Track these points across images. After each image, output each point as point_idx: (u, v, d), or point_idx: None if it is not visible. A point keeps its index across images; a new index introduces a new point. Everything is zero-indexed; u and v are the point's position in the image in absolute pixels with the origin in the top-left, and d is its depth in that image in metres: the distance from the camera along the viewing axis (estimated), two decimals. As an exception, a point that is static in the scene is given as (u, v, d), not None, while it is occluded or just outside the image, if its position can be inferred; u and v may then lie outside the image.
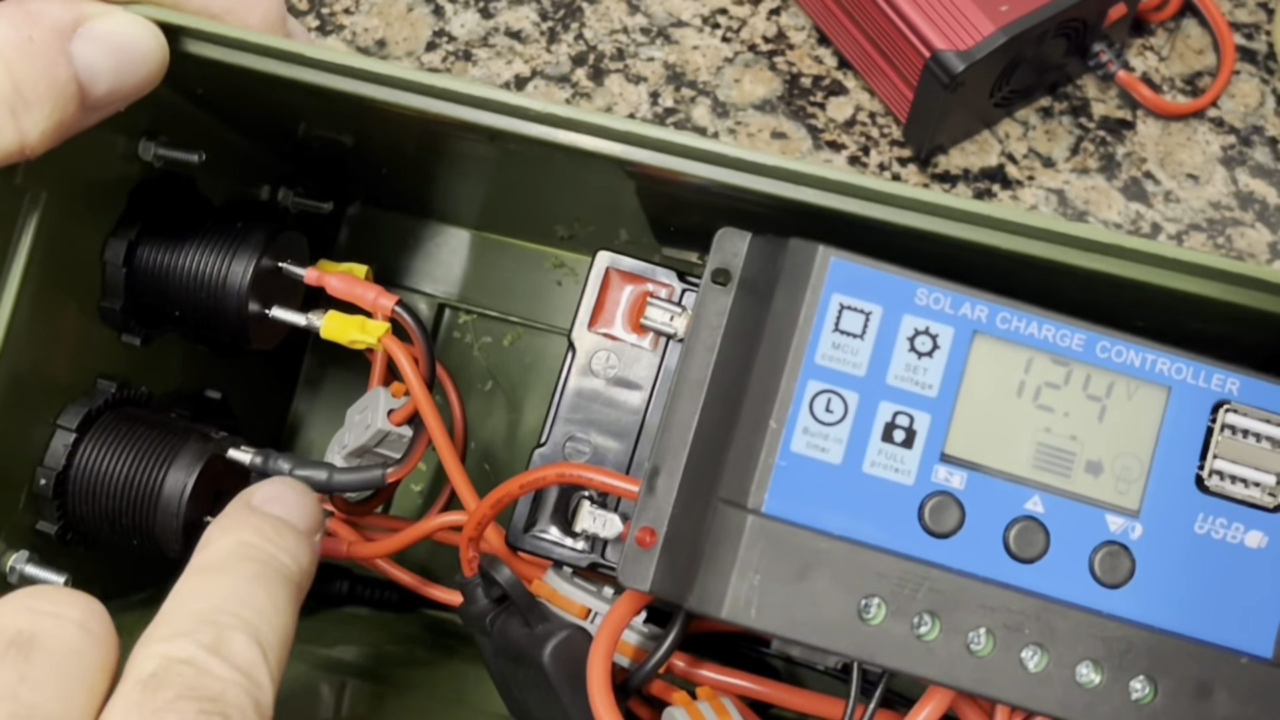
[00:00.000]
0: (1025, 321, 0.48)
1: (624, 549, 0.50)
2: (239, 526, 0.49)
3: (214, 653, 0.43)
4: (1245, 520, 0.48)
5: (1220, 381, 0.48)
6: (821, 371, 0.47)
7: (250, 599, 0.46)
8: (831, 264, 0.47)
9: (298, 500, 0.52)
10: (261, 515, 0.50)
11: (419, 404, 0.59)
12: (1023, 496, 0.48)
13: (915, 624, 0.46)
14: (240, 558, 0.48)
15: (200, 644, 0.43)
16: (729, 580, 0.46)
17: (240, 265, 0.58)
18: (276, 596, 0.47)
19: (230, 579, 0.47)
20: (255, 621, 0.45)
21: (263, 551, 0.48)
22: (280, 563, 0.48)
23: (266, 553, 0.48)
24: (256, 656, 0.44)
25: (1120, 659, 0.47)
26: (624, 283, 0.60)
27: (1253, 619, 0.48)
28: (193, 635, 0.44)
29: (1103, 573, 0.48)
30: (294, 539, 0.50)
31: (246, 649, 0.44)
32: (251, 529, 0.49)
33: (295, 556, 0.49)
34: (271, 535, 0.49)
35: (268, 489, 0.52)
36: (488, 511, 0.55)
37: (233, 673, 0.43)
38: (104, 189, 0.56)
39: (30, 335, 0.53)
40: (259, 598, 0.46)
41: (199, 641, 0.44)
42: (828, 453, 0.47)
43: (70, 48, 0.46)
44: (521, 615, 0.56)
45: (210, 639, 0.44)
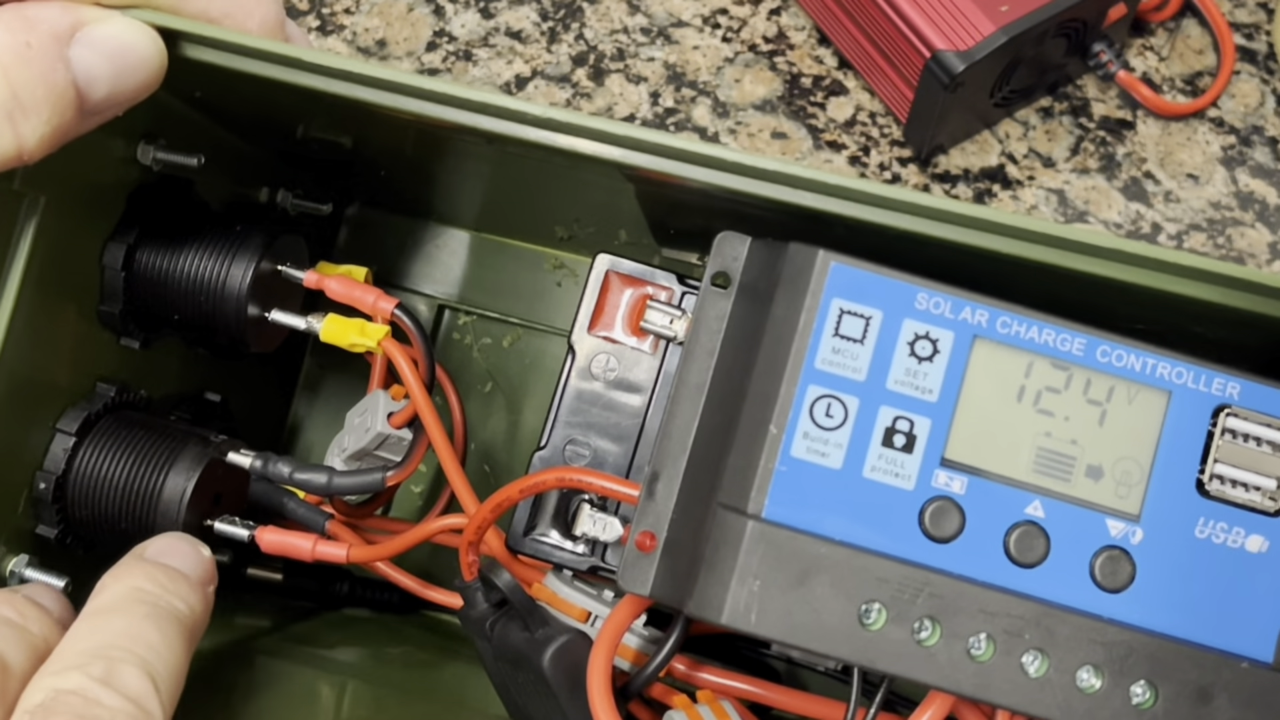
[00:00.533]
0: (1025, 326, 0.48)
1: (624, 553, 0.50)
2: (131, 574, 0.51)
3: (104, 684, 0.44)
4: (1246, 525, 0.48)
5: (1221, 386, 0.48)
6: (822, 376, 0.47)
7: (142, 635, 0.47)
8: (831, 269, 0.47)
9: (189, 551, 0.53)
10: (154, 564, 0.51)
11: (418, 407, 0.59)
12: (1023, 501, 0.48)
13: (916, 629, 0.46)
14: (133, 600, 0.49)
15: (90, 675, 0.44)
16: (729, 586, 0.46)
17: (239, 269, 0.58)
18: (169, 635, 0.48)
19: (122, 618, 0.48)
20: (147, 656, 0.46)
21: (155, 595, 0.49)
22: (173, 605, 0.49)
23: (159, 596, 0.49)
24: (147, 688, 0.45)
25: (1121, 664, 0.47)
26: (624, 286, 0.60)
27: (1253, 624, 0.48)
28: (83, 668, 0.45)
29: (1103, 577, 0.47)
30: (186, 586, 0.51)
31: (137, 680, 0.45)
32: (144, 575, 0.50)
33: (188, 601, 0.50)
34: (164, 581, 0.50)
35: (159, 543, 0.53)
36: (487, 516, 0.55)
37: (123, 702, 0.44)
38: (102, 193, 0.56)
39: (29, 339, 0.53)
40: (150, 635, 0.47)
41: (89, 674, 0.44)
42: (828, 458, 0.47)
43: (68, 53, 0.46)
44: (521, 620, 0.56)
45: (101, 671, 0.45)
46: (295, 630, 0.70)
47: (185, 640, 0.49)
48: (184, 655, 0.48)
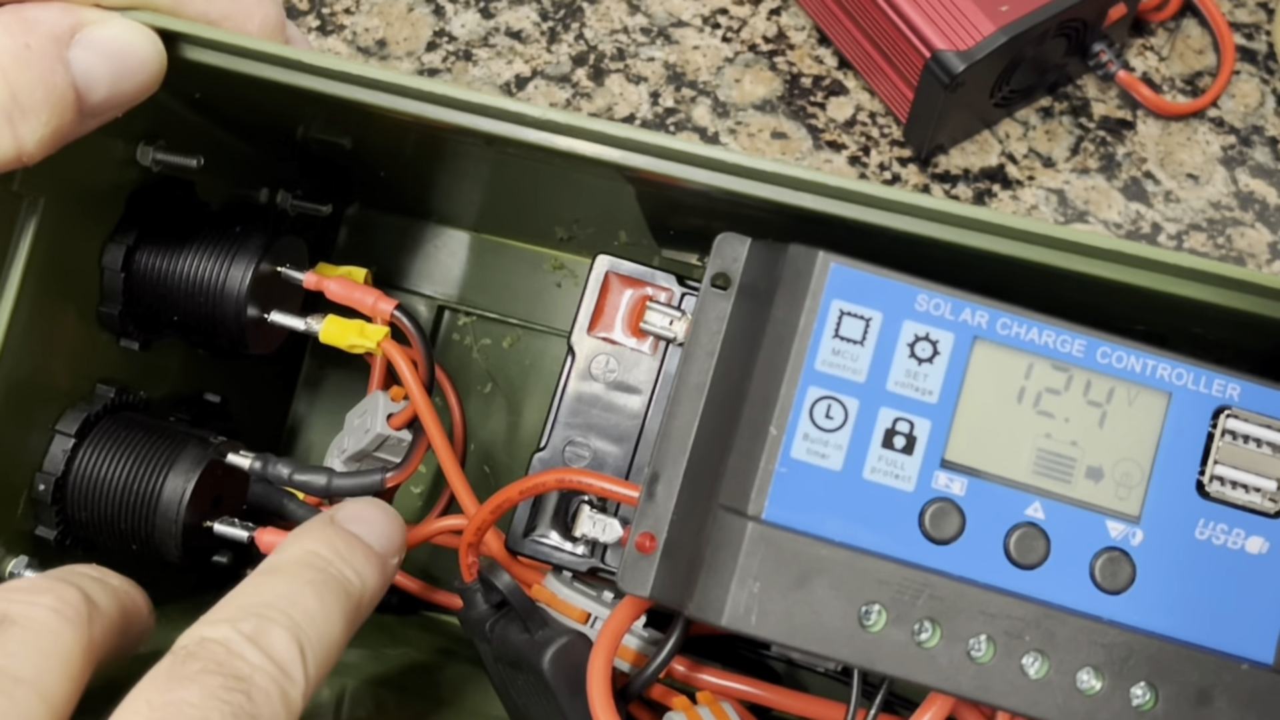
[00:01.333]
0: (1025, 327, 0.48)
1: (624, 555, 0.50)
2: (311, 537, 0.50)
3: (250, 640, 0.44)
4: (1246, 526, 0.48)
5: (1221, 387, 0.48)
6: (821, 378, 0.47)
7: (299, 600, 0.46)
8: (831, 270, 0.47)
9: (380, 520, 0.52)
10: (337, 529, 0.50)
11: (418, 409, 0.59)
12: (1023, 503, 0.48)
13: (916, 631, 0.46)
14: (302, 564, 0.48)
15: (238, 630, 0.44)
16: (729, 587, 0.46)
17: (239, 270, 0.58)
18: (329, 605, 0.47)
19: (285, 581, 0.47)
20: (300, 621, 0.45)
21: (326, 562, 0.49)
22: (342, 575, 0.49)
23: (330, 564, 0.49)
24: (294, 653, 0.44)
25: (1121, 665, 0.47)
26: (623, 287, 0.60)
27: (1253, 625, 0.48)
28: (233, 622, 0.44)
29: (1103, 579, 0.47)
30: (364, 557, 0.50)
31: (284, 643, 0.44)
32: (322, 540, 0.49)
33: (361, 574, 0.49)
34: (341, 549, 0.49)
35: (353, 507, 0.52)
36: (487, 517, 0.55)
37: (265, 661, 0.43)
38: (102, 194, 0.56)
39: (29, 341, 0.53)
40: (309, 601, 0.47)
41: (238, 628, 0.44)
42: (828, 459, 0.47)
43: (68, 55, 0.46)
44: (521, 621, 0.56)
45: (250, 628, 0.44)
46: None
47: (348, 612, 0.48)
48: (342, 628, 0.47)
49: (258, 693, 0.43)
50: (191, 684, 0.42)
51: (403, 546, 0.53)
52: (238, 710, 0.42)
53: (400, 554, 0.53)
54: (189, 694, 0.41)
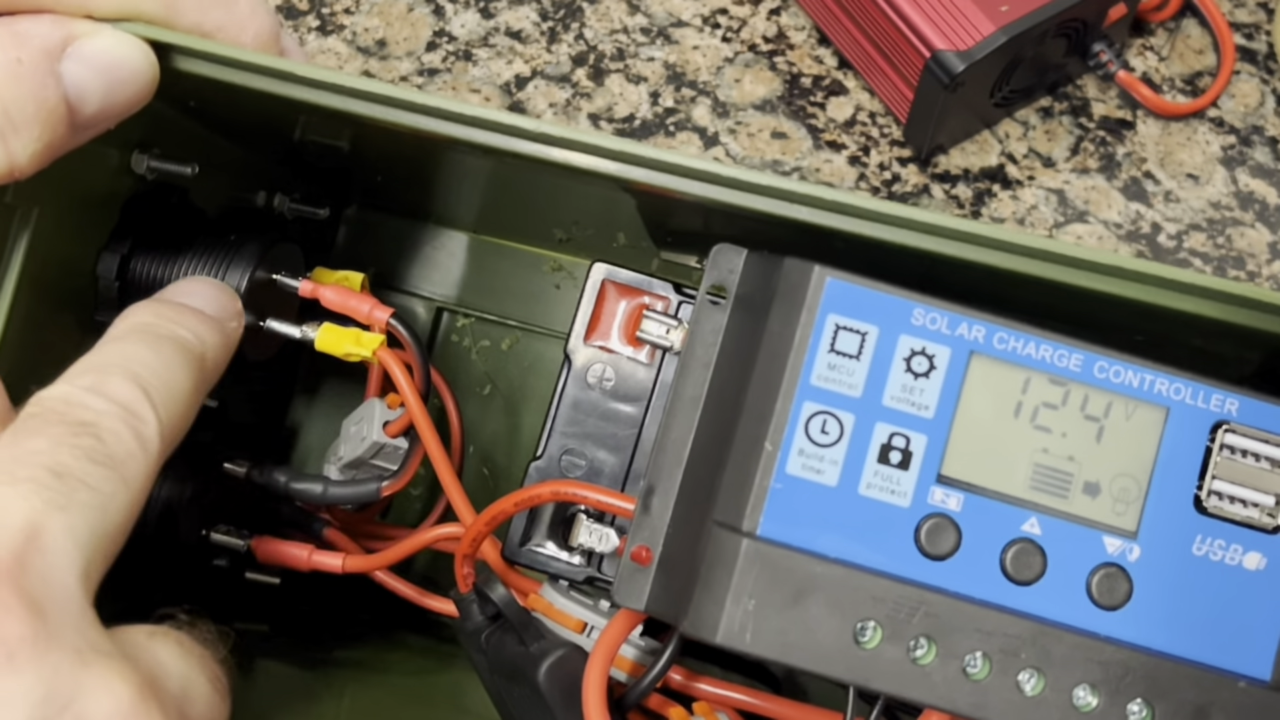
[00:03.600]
0: (1023, 342, 0.48)
1: (619, 567, 0.49)
2: (138, 312, 0.50)
3: (90, 390, 0.43)
4: (1244, 542, 0.48)
5: (1219, 402, 0.48)
6: (817, 393, 0.47)
7: (134, 354, 0.46)
8: (827, 284, 0.47)
9: (204, 289, 0.52)
10: (162, 301, 0.51)
11: (414, 417, 0.59)
12: (1020, 518, 0.47)
13: (911, 648, 0.46)
14: (131, 330, 0.48)
15: (76, 385, 0.44)
16: (724, 605, 0.46)
17: (234, 277, 0.57)
18: (166, 355, 0.47)
19: (117, 344, 0.47)
20: (139, 370, 0.45)
21: (157, 325, 0.48)
22: (176, 333, 0.48)
23: (161, 325, 0.48)
24: (137, 394, 0.44)
25: (1118, 683, 0.46)
26: (620, 295, 0.60)
27: (1251, 642, 0.48)
28: (69, 380, 0.44)
29: (1100, 595, 0.47)
30: (195, 319, 0.50)
31: (126, 387, 0.44)
32: (148, 311, 0.49)
33: (196, 332, 0.49)
34: (169, 314, 0.49)
35: (178, 285, 0.53)
36: (482, 529, 0.55)
37: (109, 404, 0.43)
38: (96, 203, 0.56)
39: (24, 350, 0.53)
40: (146, 355, 0.46)
41: (75, 384, 0.44)
42: (823, 475, 0.47)
43: (59, 68, 0.46)
44: (516, 633, 0.56)
45: (88, 381, 0.44)
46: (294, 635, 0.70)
47: (190, 366, 0.48)
48: (187, 379, 0.47)
49: (107, 434, 0.42)
50: (37, 435, 0.41)
51: (239, 314, 0.53)
52: (90, 450, 0.41)
53: (237, 318, 0.53)
54: (35, 444, 0.41)
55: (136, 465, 0.43)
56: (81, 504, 0.40)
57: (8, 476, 0.40)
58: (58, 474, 0.40)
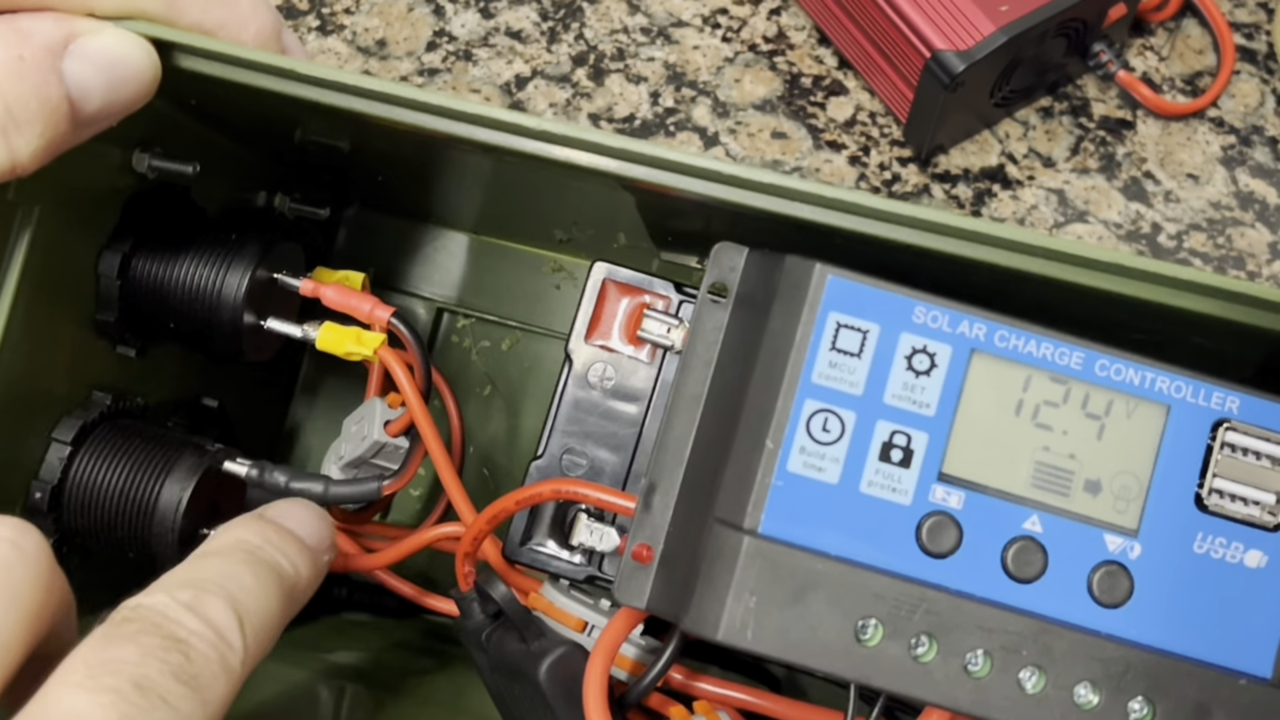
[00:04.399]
0: (1024, 340, 0.48)
1: (620, 565, 0.49)
2: (243, 527, 0.49)
3: (188, 607, 0.43)
4: (1245, 539, 0.48)
5: (1220, 400, 0.48)
6: (818, 390, 0.47)
7: (235, 576, 0.46)
8: (829, 282, 0.47)
9: (308, 517, 0.52)
10: (267, 521, 0.50)
11: (415, 416, 0.59)
12: (1021, 516, 0.47)
13: (912, 645, 0.46)
14: (235, 548, 0.48)
15: (176, 598, 0.43)
16: (725, 602, 0.46)
17: (235, 277, 0.57)
18: (265, 583, 0.47)
19: (220, 561, 0.47)
20: (237, 594, 0.45)
21: (260, 548, 0.48)
22: (275, 559, 0.48)
23: (263, 549, 0.48)
24: (232, 621, 0.44)
25: (1118, 680, 0.46)
26: (621, 294, 0.60)
27: (1252, 639, 0.48)
28: (170, 591, 0.44)
29: (1101, 593, 0.47)
30: (295, 546, 0.50)
31: (222, 611, 0.44)
32: (254, 530, 0.49)
33: (293, 562, 0.49)
34: (272, 537, 0.49)
35: (281, 506, 0.52)
36: (483, 527, 0.55)
37: (203, 626, 0.43)
38: (98, 201, 0.56)
39: (24, 349, 0.53)
40: (245, 577, 0.46)
41: (175, 596, 0.43)
42: (824, 473, 0.47)
43: (61, 65, 0.46)
44: (518, 631, 0.55)
45: (188, 598, 0.44)
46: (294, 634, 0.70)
47: (283, 595, 0.48)
48: (279, 608, 0.47)
49: (196, 655, 0.42)
50: (129, 643, 0.41)
51: (333, 545, 0.53)
52: (176, 669, 0.41)
53: (331, 551, 0.53)
54: (125, 652, 0.41)
55: (218, 689, 0.43)
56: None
57: (93, 684, 0.40)
58: (141, 688, 0.40)
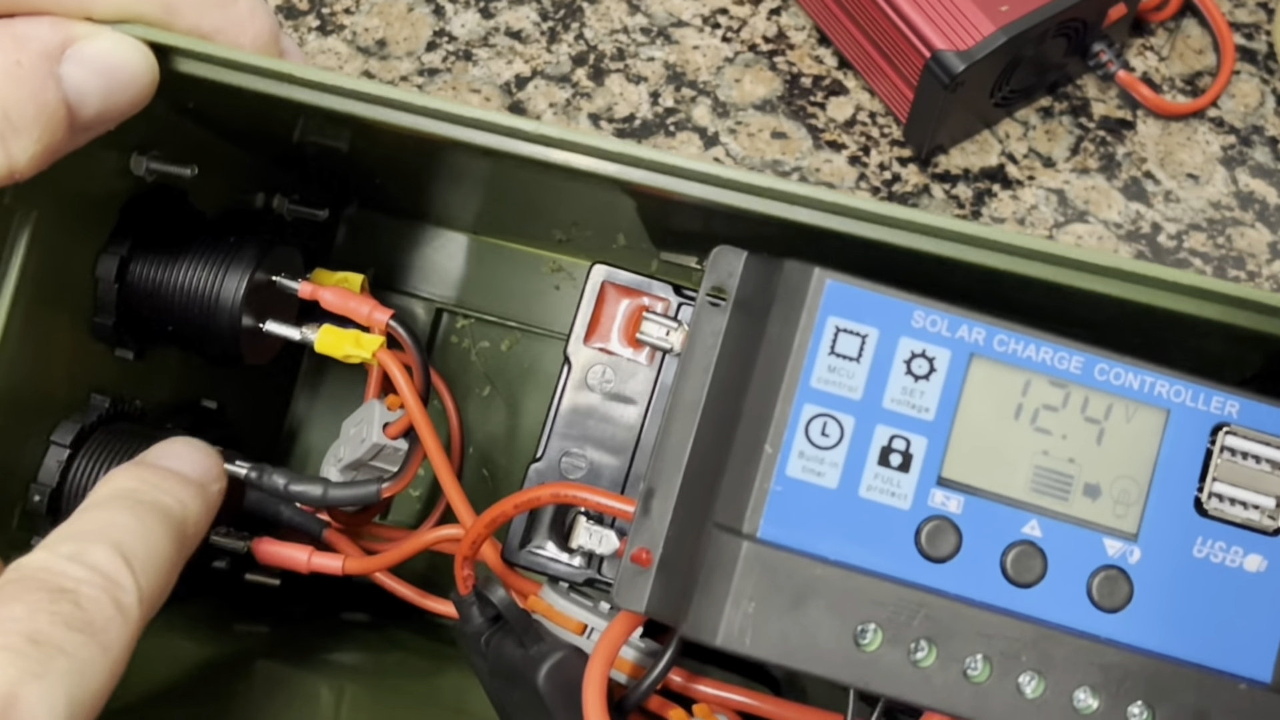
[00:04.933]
0: (1023, 344, 0.48)
1: (619, 569, 0.49)
2: (119, 476, 0.50)
3: (70, 559, 0.43)
4: (1244, 544, 0.48)
5: (1220, 404, 0.48)
6: (817, 395, 0.47)
7: (117, 521, 0.46)
8: (827, 287, 0.47)
9: (187, 452, 0.52)
10: (145, 465, 0.50)
11: (414, 419, 0.59)
12: (1020, 520, 0.47)
13: (912, 650, 0.46)
14: (112, 496, 0.48)
15: (57, 553, 0.44)
16: (724, 608, 0.46)
17: (233, 280, 0.57)
18: (148, 523, 0.47)
19: (98, 511, 0.47)
20: (121, 538, 0.45)
21: (137, 490, 0.48)
22: (157, 499, 0.48)
23: (141, 491, 0.48)
24: (118, 563, 0.44)
25: (1118, 685, 0.46)
26: (620, 297, 0.60)
27: (1252, 644, 0.48)
28: (50, 548, 0.44)
29: (1100, 597, 0.47)
30: (178, 483, 0.50)
31: (106, 555, 0.44)
32: (130, 476, 0.49)
33: (177, 497, 0.49)
34: (150, 478, 0.49)
35: (158, 447, 0.52)
36: (482, 531, 0.55)
37: (88, 572, 0.43)
38: (95, 205, 0.56)
39: (23, 353, 0.53)
40: (127, 521, 0.46)
41: (56, 551, 0.44)
42: (824, 477, 0.47)
43: (59, 70, 0.46)
44: (516, 636, 0.55)
45: (68, 549, 0.44)
46: (293, 636, 0.70)
47: (171, 531, 0.48)
48: (169, 546, 0.47)
49: (86, 600, 0.42)
50: (14, 602, 0.41)
51: (220, 475, 0.53)
52: (68, 617, 0.41)
53: (220, 481, 0.53)
54: (12, 610, 0.41)
55: (116, 631, 0.43)
56: (59, 671, 0.40)
57: None
58: (35, 641, 0.40)
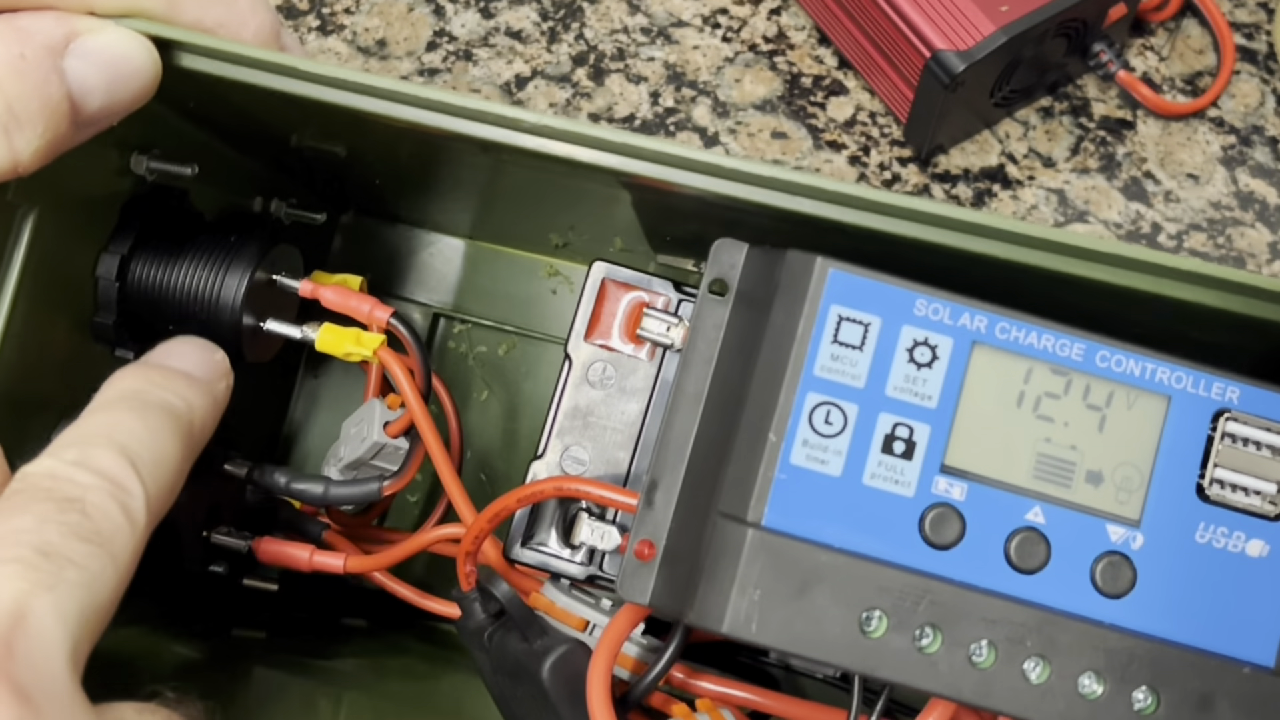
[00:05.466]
0: (1024, 331, 0.48)
1: (623, 562, 0.49)
2: (124, 377, 0.50)
3: (76, 464, 0.43)
4: (1246, 529, 0.48)
5: (1220, 390, 0.48)
6: (820, 383, 0.47)
7: (121, 423, 0.46)
8: (830, 275, 0.47)
9: (192, 351, 0.53)
10: (150, 365, 0.51)
11: (415, 417, 0.59)
12: (1023, 507, 0.47)
13: (917, 637, 0.46)
14: (117, 398, 0.48)
15: (61, 459, 0.43)
16: (729, 595, 0.46)
17: (234, 279, 0.57)
18: (153, 424, 0.47)
19: (103, 413, 0.47)
20: (126, 441, 0.45)
21: (142, 390, 0.48)
22: (163, 399, 0.48)
23: (148, 391, 0.48)
24: (124, 466, 0.44)
25: (1122, 670, 0.46)
26: (620, 293, 0.60)
27: (1254, 628, 0.48)
28: (55, 454, 0.44)
29: (1104, 583, 0.47)
30: (184, 382, 0.50)
31: (112, 459, 0.44)
32: (135, 376, 0.49)
33: (183, 396, 0.49)
34: (157, 379, 0.49)
35: (163, 346, 0.53)
36: (485, 526, 0.55)
37: (95, 478, 0.43)
38: (96, 204, 0.56)
39: (23, 353, 0.53)
40: (132, 423, 0.46)
41: (61, 458, 0.44)
42: (827, 465, 0.47)
43: (62, 64, 0.46)
44: (520, 630, 0.55)
45: (74, 455, 0.44)
46: (292, 642, 0.70)
47: (178, 432, 0.48)
48: (176, 446, 0.47)
49: (93, 508, 0.42)
50: (23, 513, 0.41)
51: (226, 373, 0.53)
52: (76, 527, 0.41)
53: (226, 378, 0.53)
54: (21, 522, 0.41)
55: (124, 540, 0.43)
56: (69, 583, 0.40)
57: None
58: (44, 553, 0.40)
